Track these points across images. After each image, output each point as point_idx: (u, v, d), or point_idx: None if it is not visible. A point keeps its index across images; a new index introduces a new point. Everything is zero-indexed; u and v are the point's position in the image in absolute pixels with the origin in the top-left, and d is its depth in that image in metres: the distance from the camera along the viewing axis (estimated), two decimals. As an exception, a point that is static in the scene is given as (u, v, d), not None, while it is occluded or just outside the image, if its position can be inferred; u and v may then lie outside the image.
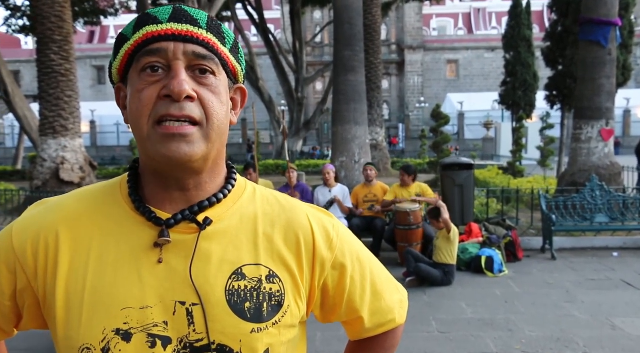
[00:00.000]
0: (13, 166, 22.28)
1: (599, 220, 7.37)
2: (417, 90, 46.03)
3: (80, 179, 11.11)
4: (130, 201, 0.82)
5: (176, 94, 0.74)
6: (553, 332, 4.30)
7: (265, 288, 0.81)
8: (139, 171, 0.85)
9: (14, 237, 0.81)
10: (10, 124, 34.99)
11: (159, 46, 0.75)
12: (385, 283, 0.96)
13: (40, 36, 11.04)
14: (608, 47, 8.79)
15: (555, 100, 14.16)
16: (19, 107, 14.58)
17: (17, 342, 4.08)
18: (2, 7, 20.31)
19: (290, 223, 0.87)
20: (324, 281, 0.88)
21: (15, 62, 44.17)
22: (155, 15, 0.77)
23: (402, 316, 0.99)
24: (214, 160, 0.81)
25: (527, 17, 17.37)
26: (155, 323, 0.76)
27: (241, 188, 0.88)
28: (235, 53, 0.83)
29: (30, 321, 0.84)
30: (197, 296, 0.77)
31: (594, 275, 6.04)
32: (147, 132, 0.76)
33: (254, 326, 0.79)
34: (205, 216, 0.81)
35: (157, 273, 0.78)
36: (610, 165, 8.97)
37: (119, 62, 0.81)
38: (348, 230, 0.95)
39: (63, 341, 0.77)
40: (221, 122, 0.79)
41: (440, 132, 12.90)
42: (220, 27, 0.80)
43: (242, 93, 0.88)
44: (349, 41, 9.25)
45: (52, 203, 0.85)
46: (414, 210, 6.40)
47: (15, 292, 0.81)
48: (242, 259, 0.81)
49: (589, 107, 8.98)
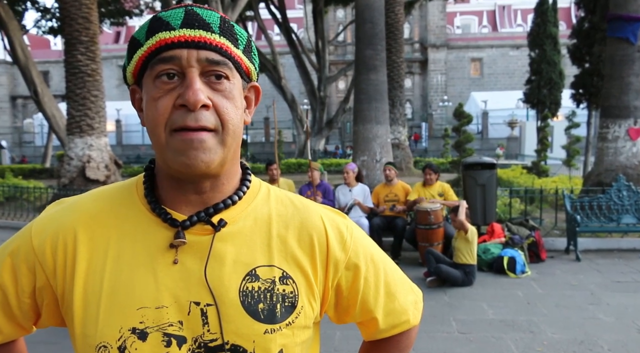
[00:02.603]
0: (42, 164, 22.82)
1: (626, 221, 7.21)
2: (440, 88, 45.62)
3: (105, 177, 11.33)
4: (146, 202, 0.83)
5: (191, 104, 0.74)
6: (576, 334, 4.23)
7: (279, 290, 0.82)
8: (154, 172, 0.86)
9: (33, 236, 0.83)
10: (39, 123, 35.86)
11: (173, 54, 0.76)
12: (399, 284, 0.97)
13: (68, 37, 11.29)
14: (637, 44, 8.59)
15: (582, 99, 13.91)
16: (48, 107, 14.93)
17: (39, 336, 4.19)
18: (33, 9, 20.80)
19: (304, 224, 0.87)
20: (337, 282, 0.88)
21: (45, 62, 45.19)
22: (168, 20, 0.77)
23: (416, 317, 0.98)
24: (230, 162, 0.82)
25: (553, 14, 17.08)
26: (170, 322, 0.78)
27: (255, 189, 0.89)
28: (248, 53, 0.83)
29: (48, 318, 0.86)
30: (212, 297, 0.78)
31: (620, 277, 5.91)
32: (164, 140, 0.77)
33: (268, 327, 0.80)
34: (220, 218, 0.82)
35: (172, 274, 0.79)
36: (638, 165, 8.77)
37: (132, 67, 0.81)
38: (362, 231, 0.95)
39: (80, 339, 0.79)
40: (236, 126, 0.79)
41: (462, 131, 12.77)
42: (232, 29, 0.80)
43: (256, 91, 0.88)
44: (370, 40, 9.23)
45: (70, 203, 0.87)
46: (434, 210, 6.35)
47: (35, 290, 0.83)
48: (256, 260, 0.82)
49: (616, 105, 8.79)
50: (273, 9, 22.97)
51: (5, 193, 12.00)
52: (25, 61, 15.10)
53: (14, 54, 15.47)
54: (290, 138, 32.41)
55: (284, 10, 22.54)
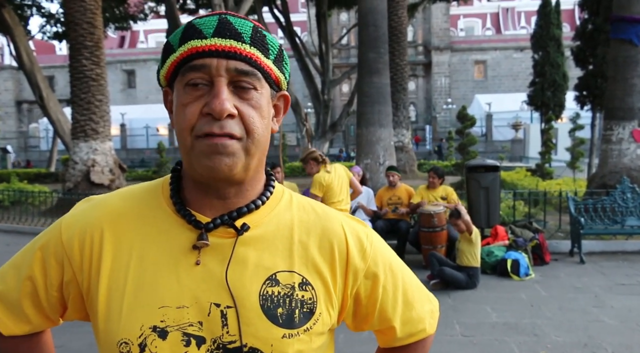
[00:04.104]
0: (47, 168, 22.93)
1: (631, 224, 7.18)
2: (444, 91, 45.56)
3: (109, 181, 11.37)
4: (171, 203, 0.85)
5: (217, 113, 0.76)
6: (580, 337, 4.22)
7: (298, 295, 0.83)
8: (181, 174, 0.88)
9: (62, 231, 0.85)
10: (44, 127, 36.06)
11: (203, 62, 0.77)
12: (416, 293, 0.98)
13: (73, 42, 11.36)
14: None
15: (586, 101, 13.88)
16: (53, 111, 15.01)
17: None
18: (38, 14, 20.94)
19: (325, 231, 0.88)
20: (356, 290, 0.89)
21: (50, 67, 45.43)
22: (200, 28, 0.79)
23: (432, 326, 0.99)
24: (254, 169, 0.84)
25: (557, 16, 17.06)
26: (190, 322, 0.79)
27: (278, 195, 0.90)
28: (279, 62, 0.84)
29: (74, 312, 0.88)
30: (232, 299, 0.80)
31: (625, 279, 5.89)
32: (190, 144, 0.78)
33: (285, 332, 0.81)
34: (243, 222, 0.84)
35: (194, 275, 0.81)
36: (642, 167, 8.73)
37: (165, 71, 0.83)
38: (381, 240, 0.96)
39: (103, 334, 0.81)
40: (261, 135, 0.81)
41: (466, 133, 12.76)
42: (264, 39, 0.81)
43: (285, 100, 0.89)
44: (373, 43, 9.24)
45: (98, 200, 0.89)
46: (437, 212, 6.35)
47: (62, 283, 0.85)
48: (276, 265, 0.83)
49: (620, 107, 8.77)
50: (277, 12, 23.03)
51: (10, 197, 12.06)
52: (30, 66, 15.20)
53: (20, 59, 15.58)
54: (294, 141, 32.42)
55: (288, 13, 22.59)
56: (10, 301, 0.88)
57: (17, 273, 0.88)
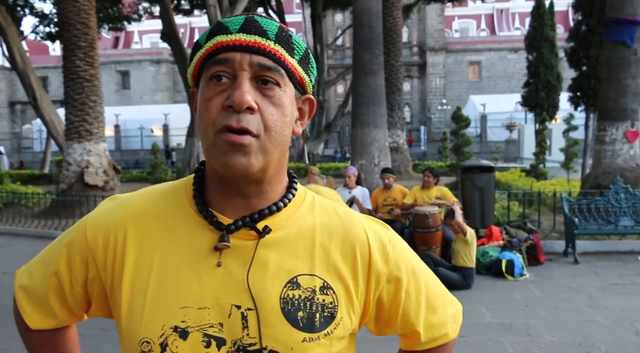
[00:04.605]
0: (41, 170, 22.78)
1: (624, 224, 7.22)
2: (439, 92, 45.70)
3: (104, 183, 11.33)
4: (193, 203, 0.85)
5: (237, 104, 0.76)
6: (574, 337, 4.24)
7: (319, 299, 0.83)
8: (204, 174, 0.88)
9: (87, 229, 0.87)
10: (38, 128, 35.88)
11: (227, 56, 0.78)
12: (439, 297, 0.97)
13: (66, 43, 11.31)
14: (633, 47, 8.61)
15: (579, 102, 13.94)
16: (46, 112, 14.93)
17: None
18: (31, 14, 20.84)
19: (347, 235, 0.88)
20: (379, 295, 0.89)
21: (44, 68, 45.21)
22: (227, 25, 0.80)
23: (455, 330, 0.99)
24: (274, 169, 0.83)
25: (550, 18, 17.14)
26: (211, 323, 0.79)
27: (301, 197, 0.90)
28: (304, 64, 0.84)
29: (97, 309, 0.90)
30: (253, 301, 0.80)
31: (618, 279, 5.92)
32: (211, 140, 0.78)
33: (306, 335, 0.81)
34: (265, 224, 0.83)
35: (215, 276, 0.81)
36: (635, 168, 8.78)
37: (192, 69, 0.84)
38: (404, 243, 0.95)
39: (125, 333, 0.82)
40: (279, 133, 0.80)
41: (460, 134, 12.79)
42: (290, 39, 0.82)
43: (310, 103, 0.89)
44: (368, 44, 9.25)
45: (123, 200, 0.91)
46: (432, 213, 6.36)
47: (87, 280, 0.87)
48: (297, 268, 0.83)
49: (613, 108, 8.82)
50: (272, 13, 23.04)
51: (3, 199, 11.97)
52: (23, 67, 15.13)
53: (13, 60, 15.51)
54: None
55: (283, 14, 22.61)
56: (37, 295, 0.91)
57: (44, 268, 0.90)
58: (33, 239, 9.27)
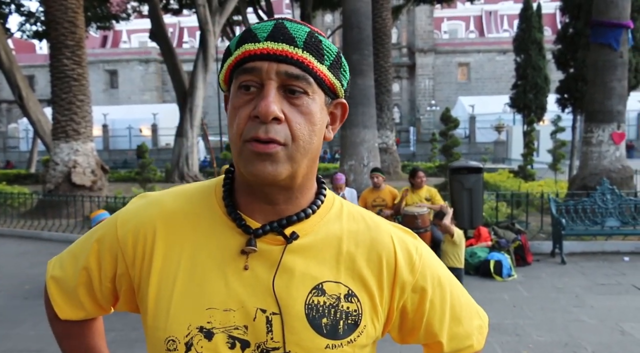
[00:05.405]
0: (27, 170, 22.55)
1: (610, 224, 7.30)
2: (428, 93, 45.89)
3: (91, 183, 11.23)
4: (223, 205, 0.86)
5: (263, 115, 0.75)
6: (561, 337, 4.28)
7: (343, 307, 0.83)
8: (234, 176, 0.88)
9: (118, 227, 0.88)
10: (24, 128, 35.42)
11: (254, 65, 0.77)
12: (465, 308, 0.96)
13: (54, 41, 11.19)
14: (619, 49, 8.72)
15: (567, 103, 14.06)
16: (33, 112, 14.76)
17: (28, 343, 4.14)
18: (17, 13, 20.60)
19: (374, 243, 0.88)
20: (403, 304, 0.89)
21: (30, 67, 44.74)
22: (256, 32, 0.79)
23: (480, 342, 0.98)
24: (303, 176, 0.83)
25: (538, 20, 17.24)
26: (236, 326, 0.80)
27: (329, 204, 0.90)
28: (335, 69, 0.83)
29: (124, 304, 0.92)
30: (278, 306, 0.80)
31: (604, 279, 5.99)
32: (239, 149, 0.79)
33: (329, 342, 0.81)
34: (292, 230, 0.84)
35: (242, 279, 0.81)
36: (621, 169, 8.89)
37: (223, 75, 0.84)
38: (431, 252, 0.95)
39: (151, 330, 0.83)
40: (307, 142, 0.79)
41: (449, 135, 12.86)
42: (319, 44, 0.80)
43: (342, 107, 0.88)
44: (357, 45, 9.26)
45: (153, 198, 0.91)
46: (421, 214, 6.37)
47: (115, 276, 0.89)
48: (323, 275, 0.83)
49: (600, 110, 8.91)
50: (261, 13, 23.01)
51: (-11, 199, 11.83)
52: (9, 65, 14.92)
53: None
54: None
55: (272, 14, 22.57)
56: (68, 288, 0.93)
57: (75, 262, 0.92)
58: (19, 240, 9.17)
